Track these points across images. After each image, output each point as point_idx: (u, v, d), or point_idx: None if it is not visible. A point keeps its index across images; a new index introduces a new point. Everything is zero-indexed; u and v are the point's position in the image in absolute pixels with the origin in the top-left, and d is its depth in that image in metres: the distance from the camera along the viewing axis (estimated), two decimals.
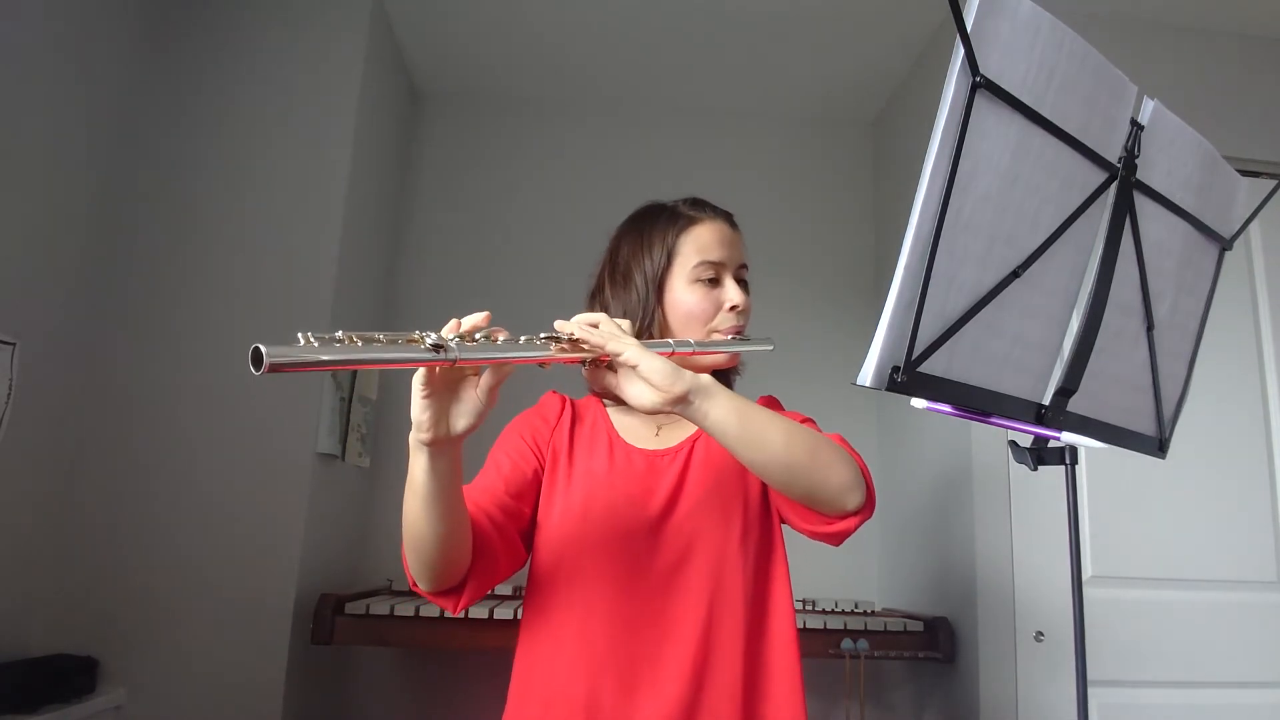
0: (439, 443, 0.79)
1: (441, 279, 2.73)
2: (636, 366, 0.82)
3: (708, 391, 0.84)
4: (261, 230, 2.10)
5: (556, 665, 0.97)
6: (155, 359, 1.99)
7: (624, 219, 1.14)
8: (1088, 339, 0.92)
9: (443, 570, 0.89)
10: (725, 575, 0.98)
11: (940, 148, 0.74)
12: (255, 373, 0.61)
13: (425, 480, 0.82)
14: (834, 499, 0.88)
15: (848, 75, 2.70)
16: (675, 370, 0.82)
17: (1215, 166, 1.03)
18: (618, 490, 1.01)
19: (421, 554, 0.88)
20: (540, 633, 1.00)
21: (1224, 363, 2.12)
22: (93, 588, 1.87)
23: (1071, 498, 0.96)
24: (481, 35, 2.55)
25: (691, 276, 1.04)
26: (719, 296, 1.04)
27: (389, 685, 2.43)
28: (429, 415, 0.77)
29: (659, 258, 1.05)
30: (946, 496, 2.19)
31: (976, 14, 0.74)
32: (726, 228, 1.09)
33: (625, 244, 1.10)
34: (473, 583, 0.92)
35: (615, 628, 0.96)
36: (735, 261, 1.07)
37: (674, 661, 0.95)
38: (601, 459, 1.04)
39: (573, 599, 0.98)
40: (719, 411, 0.84)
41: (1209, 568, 2.04)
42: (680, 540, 0.99)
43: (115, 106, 2.00)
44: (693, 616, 0.96)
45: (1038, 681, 1.94)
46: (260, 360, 0.60)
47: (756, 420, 0.86)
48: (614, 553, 0.98)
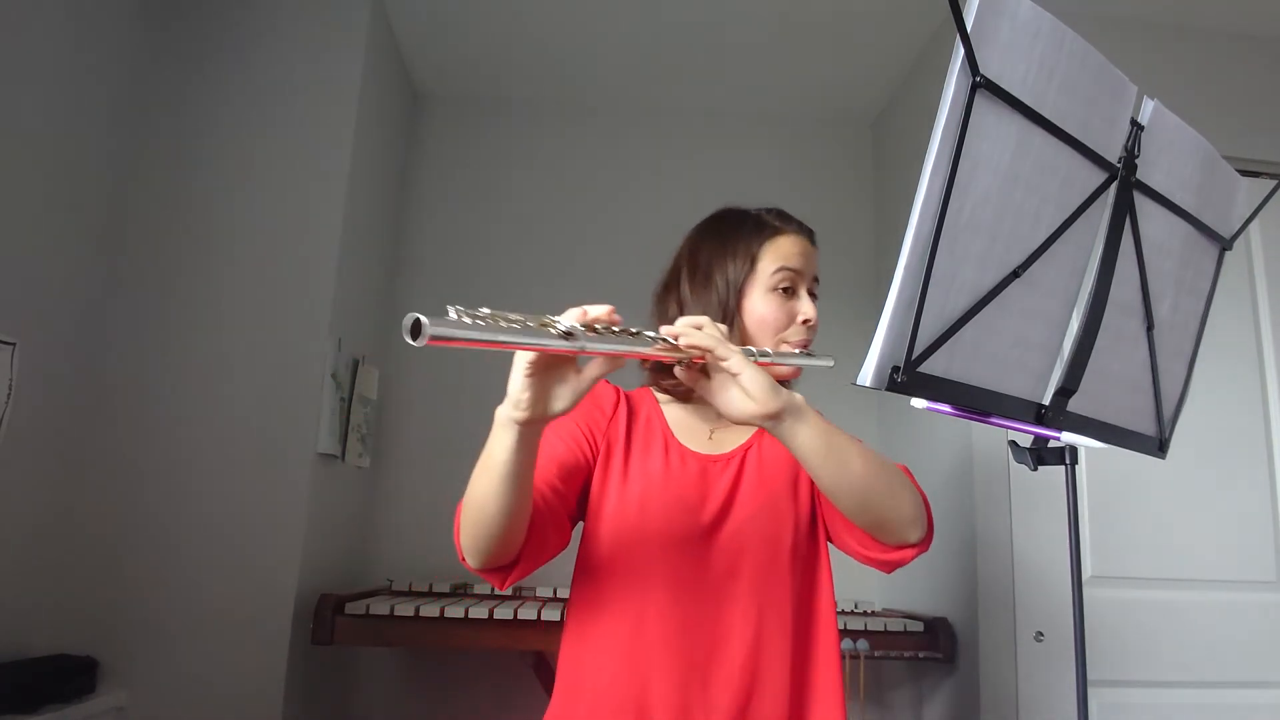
0: (533, 422, 0.79)
1: (441, 278, 2.73)
2: (739, 375, 0.82)
3: (800, 412, 0.85)
4: (262, 230, 2.10)
5: (609, 663, 0.97)
6: (155, 359, 1.99)
7: (702, 220, 1.15)
8: (1088, 339, 0.92)
9: (499, 548, 0.89)
10: (774, 588, 0.99)
11: (940, 148, 0.74)
12: (412, 343, 0.62)
13: (508, 459, 0.81)
14: (899, 530, 0.91)
15: (848, 75, 2.70)
16: (774, 386, 0.83)
17: (1215, 166, 1.03)
18: (672, 493, 1.02)
19: (482, 530, 0.87)
20: (593, 629, 1.00)
21: (1224, 363, 2.12)
22: (93, 588, 1.87)
23: (1071, 498, 0.96)
24: (481, 37, 2.55)
25: (770, 284, 1.05)
26: (793, 308, 1.06)
27: (389, 685, 2.43)
28: (530, 394, 0.77)
29: (742, 263, 1.06)
30: (947, 497, 2.19)
31: (976, 14, 0.74)
32: (807, 242, 1.10)
33: (706, 245, 1.10)
34: (524, 561, 0.92)
35: (669, 631, 0.96)
36: (811, 274, 1.09)
37: (724, 670, 0.96)
38: (657, 459, 1.04)
39: (628, 598, 0.99)
40: (808, 433, 0.85)
41: (1209, 568, 2.04)
42: (732, 550, 1.00)
43: (115, 107, 2.00)
44: (742, 626, 0.97)
45: (1038, 681, 1.94)
46: (419, 331, 0.61)
47: (841, 446, 0.87)
48: (669, 556, 0.99)
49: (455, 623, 1.91)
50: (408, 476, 2.55)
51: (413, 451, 2.57)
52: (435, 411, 2.58)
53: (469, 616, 1.91)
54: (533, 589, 2.23)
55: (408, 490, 2.54)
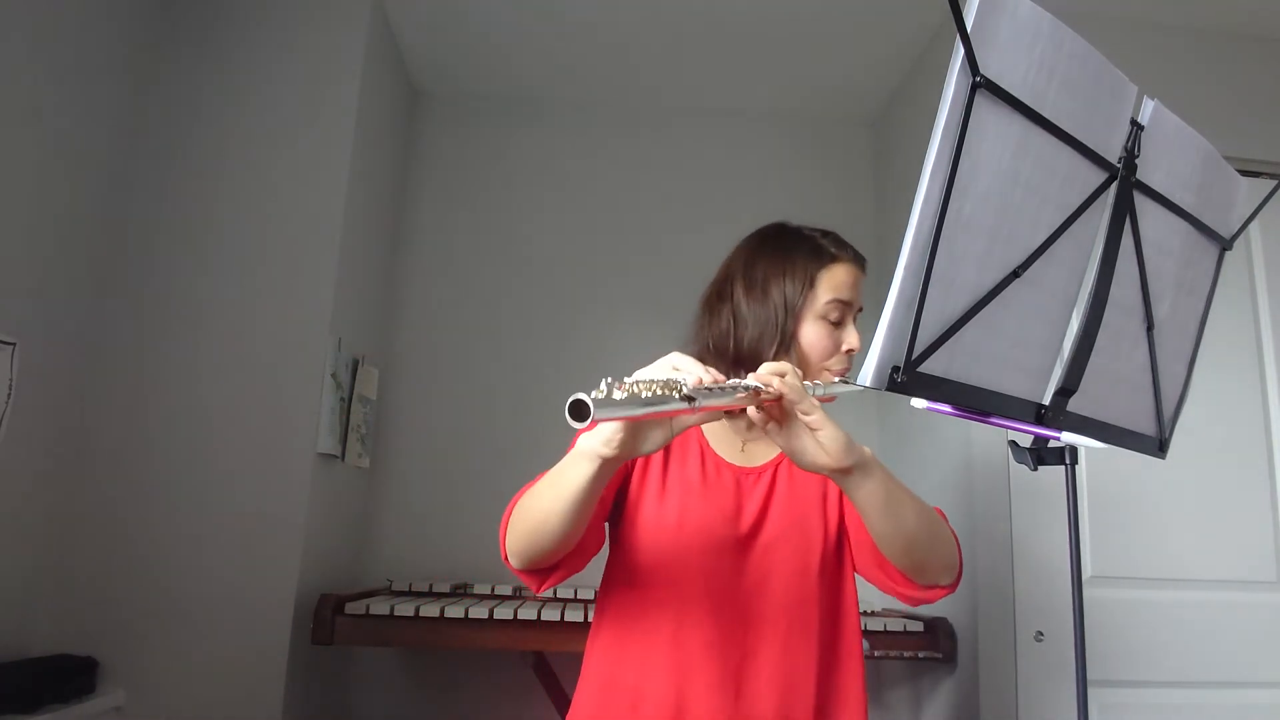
0: (620, 460, 0.81)
1: (441, 278, 2.73)
2: (818, 431, 0.84)
3: (869, 469, 0.87)
4: (262, 230, 2.10)
5: (650, 667, 0.99)
6: (155, 359, 1.99)
7: (755, 232, 1.16)
8: (1088, 339, 0.92)
9: (547, 558, 0.92)
10: (802, 602, 1.01)
11: (940, 148, 0.74)
12: (576, 425, 0.66)
13: (584, 487, 0.83)
14: (933, 575, 0.95)
15: (848, 75, 2.70)
16: (850, 444, 0.85)
17: (1215, 166, 1.03)
18: (711, 503, 1.03)
19: (536, 541, 0.89)
20: (630, 633, 1.02)
21: (1224, 363, 2.12)
22: (93, 588, 1.87)
23: (1071, 498, 0.96)
24: (481, 35, 2.55)
25: (820, 313, 1.07)
26: (840, 337, 1.08)
27: (389, 685, 2.43)
28: (624, 434, 0.79)
29: (800, 285, 1.07)
30: (946, 496, 2.19)
31: (976, 14, 0.74)
32: (859, 271, 1.12)
33: (763, 260, 1.10)
34: (564, 567, 0.95)
35: (707, 639, 0.98)
36: (858, 304, 1.11)
37: (756, 679, 0.98)
38: (694, 468, 1.06)
39: (668, 604, 1.00)
40: (872, 487, 0.88)
41: (1209, 568, 2.04)
42: (765, 563, 1.02)
43: (115, 108, 2.00)
44: (771, 637, 0.99)
45: (1038, 681, 1.94)
46: (585, 414, 0.65)
47: (899, 500, 0.90)
48: (706, 565, 1.00)
49: (455, 623, 1.91)
50: (408, 476, 2.55)
51: (413, 451, 2.57)
52: (435, 411, 2.58)
53: (469, 616, 1.91)
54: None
55: (408, 490, 2.54)
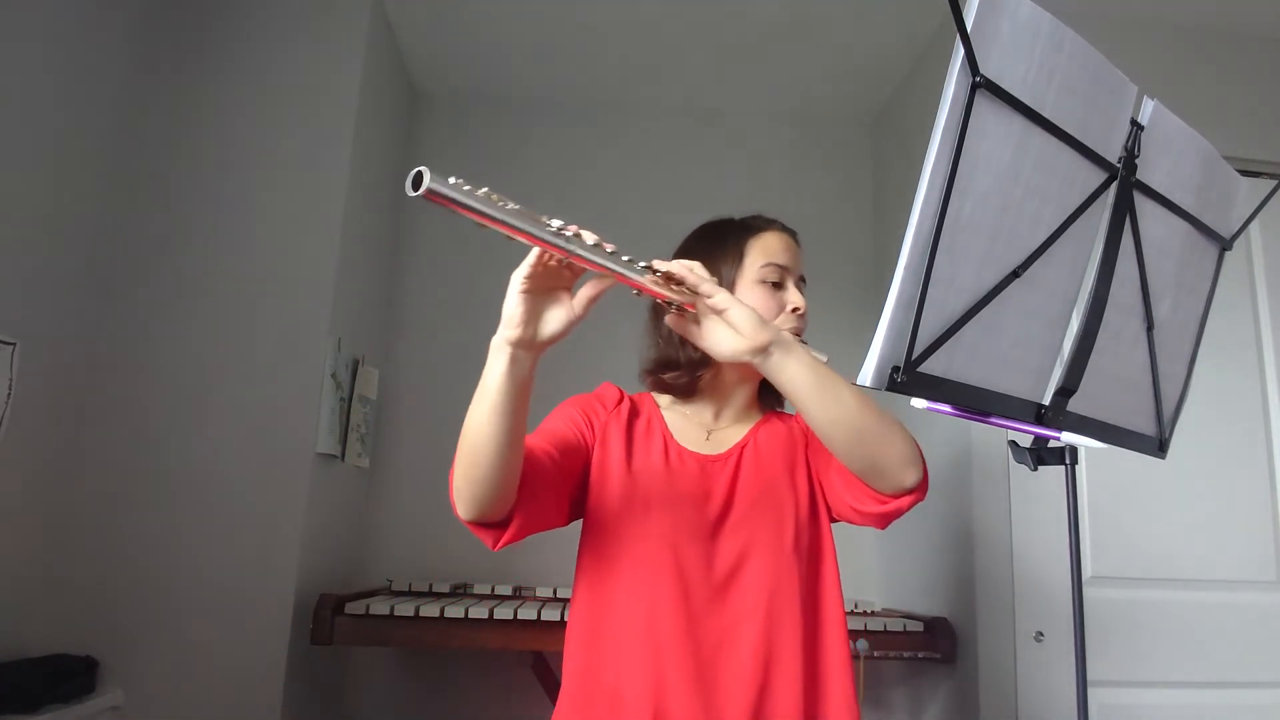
0: (524, 344, 0.81)
1: (441, 278, 2.73)
2: (725, 311, 0.84)
3: (788, 346, 0.86)
4: (262, 230, 2.09)
5: (623, 665, 0.98)
6: (155, 359, 1.99)
7: (689, 234, 1.17)
8: (1088, 339, 0.92)
9: (493, 495, 0.87)
10: (782, 578, 1.00)
11: (940, 148, 0.74)
12: (411, 194, 0.64)
13: (499, 384, 0.82)
14: (896, 471, 0.91)
15: (848, 75, 2.70)
16: (761, 320, 0.85)
17: (1215, 166, 1.03)
18: (677, 490, 1.03)
19: (475, 467, 0.85)
20: (604, 629, 1.01)
21: (1224, 363, 2.12)
22: (92, 588, 1.86)
23: (1071, 498, 0.96)
24: (481, 35, 2.55)
25: (757, 277, 1.07)
26: (782, 298, 1.08)
27: (389, 685, 2.43)
28: (522, 311, 0.79)
29: (731, 262, 1.09)
30: (946, 496, 2.19)
31: (976, 14, 0.74)
32: (790, 239, 1.13)
33: (700, 249, 1.12)
34: (518, 520, 0.90)
35: (680, 631, 0.97)
36: (797, 271, 1.11)
37: (738, 664, 0.97)
38: (658, 457, 1.06)
39: (638, 597, 0.99)
40: (796, 366, 0.86)
41: (1209, 568, 2.04)
42: (737, 544, 1.01)
43: (115, 107, 2.00)
44: (753, 619, 0.98)
45: (1038, 681, 1.94)
46: (420, 182, 0.63)
47: (831, 381, 0.88)
48: (676, 553, 1.00)
49: (455, 623, 1.91)
50: (408, 476, 2.55)
51: (413, 451, 2.57)
52: (435, 411, 2.58)
53: (469, 616, 1.91)
54: (532, 589, 2.23)
55: (408, 490, 2.54)
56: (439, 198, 0.65)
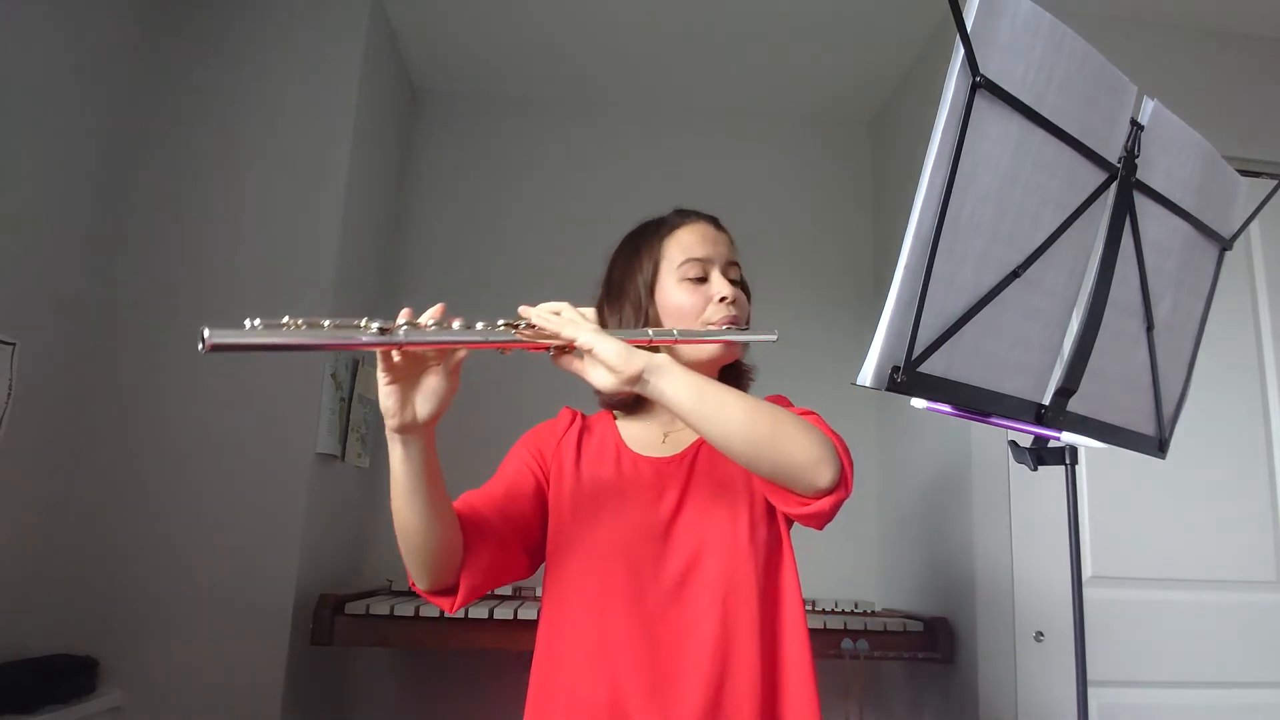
0: (407, 428, 0.84)
1: (441, 277, 2.73)
2: (591, 350, 0.85)
3: (662, 369, 0.86)
4: (262, 230, 2.09)
5: (578, 670, 0.98)
6: (155, 359, 1.99)
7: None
8: (1088, 339, 0.92)
9: (435, 566, 0.92)
10: (738, 574, 0.99)
11: (940, 148, 0.74)
12: (200, 351, 0.65)
13: (402, 469, 0.86)
14: (802, 474, 0.87)
15: (848, 75, 2.70)
16: (628, 351, 0.85)
17: (1215, 166, 1.03)
18: (628, 497, 1.03)
19: (411, 548, 0.90)
20: (559, 638, 1.02)
21: (1224, 363, 2.12)
22: (92, 588, 1.86)
23: (1071, 498, 0.96)
24: (481, 35, 2.55)
25: (679, 275, 1.06)
26: (707, 291, 1.06)
27: (389, 685, 2.43)
28: (393, 402, 0.82)
29: (648, 265, 1.08)
30: (946, 496, 2.19)
31: (976, 14, 0.74)
32: (710, 228, 1.11)
33: (619, 262, 1.13)
34: (465, 583, 0.94)
35: (634, 632, 0.97)
36: (722, 258, 1.09)
37: (694, 663, 0.96)
38: (609, 467, 1.06)
39: (589, 604, 0.99)
40: (675, 386, 0.86)
41: (1209, 568, 2.04)
42: (691, 542, 1.00)
43: (115, 107, 2.00)
44: (709, 618, 0.97)
45: (1038, 681, 1.94)
46: (204, 341, 0.64)
47: (714, 395, 0.87)
48: (629, 558, 0.99)
49: (455, 623, 1.91)
50: None
51: None
52: None
53: (469, 617, 1.91)
54: (532, 589, 2.23)
55: None
56: (226, 348, 0.65)
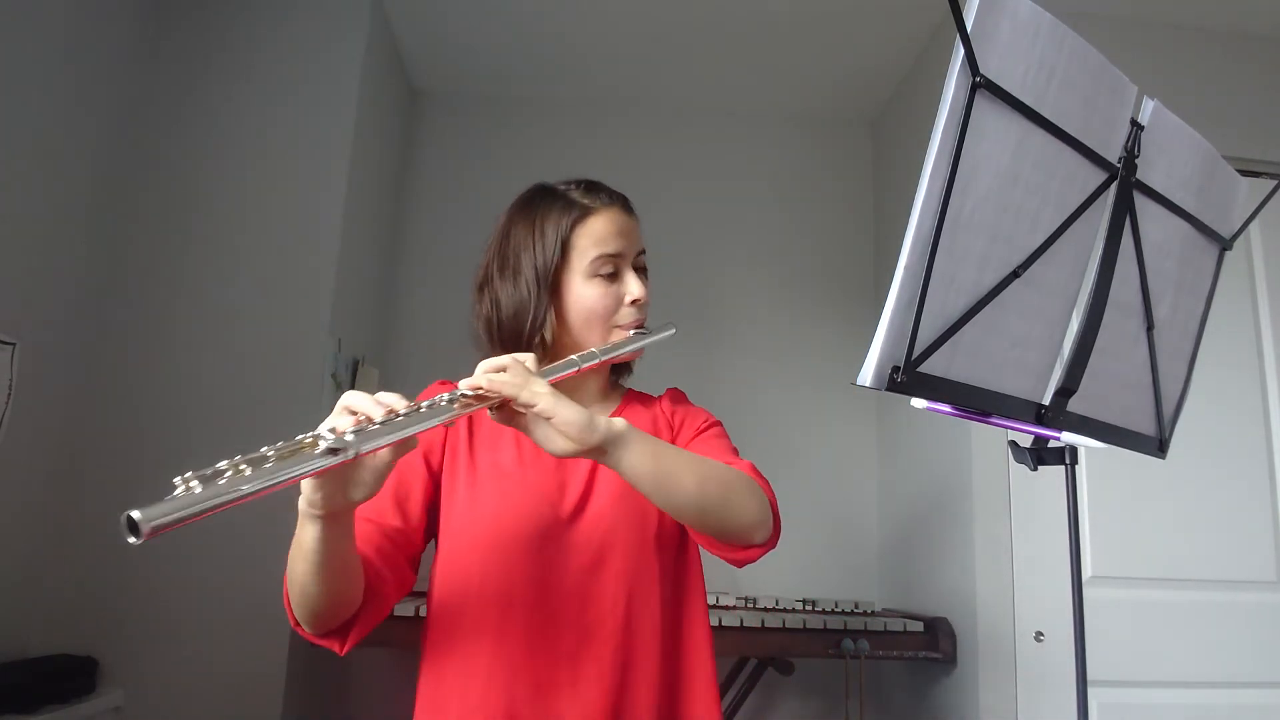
0: (334, 516, 0.75)
1: (441, 277, 2.72)
2: (552, 419, 0.76)
3: (623, 440, 0.80)
4: (261, 230, 2.10)
5: (472, 673, 0.92)
6: (155, 359, 1.99)
7: (512, 202, 1.06)
8: (1088, 339, 0.92)
9: (329, 618, 0.86)
10: (642, 572, 0.95)
11: (940, 148, 0.74)
12: (135, 542, 0.55)
13: (316, 548, 0.77)
14: (741, 535, 0.88)
15: (848, 75, 2.70)
16: (590, 422, 0.77)
17: (1215, 166, 1.03)
18: (530, 487, 0.97)
19: (307, 607, 0.83)
20: (452, 639, 0.95)
21: (1224, 363, 2.12)
22: (92, 588, 1.86)
23: (1071, 498, 0.96)
24: (481, 35, 2.55)
25: (590, 272, 0.99)
26: (619, 291, 1.00)
27: (389, 685, 2.43)
28: (321, 495, 0.73)
29: (552, 250, 0.98)
30: (946, 497, 2.19)
31: (976, 14, 0.74)
32: (623, 215, 1.04)
33: (515, 231, 1.02)
34: (358, 625, 0.88)
35: (533, 630, 0.92)
36: (633, 250, 1.03)
37: (594, 662, 0.92)
38: (509, 454, 0.99)
39: (486, 602, 0.94)
40: (633, 458, 0.81)
41: (1209, 568, 2.04)
42: (596, 538, 0.95)
43: (115, 107, 2.00)
44: (612, 615, 0.93)
45: (1038, 681, 1.94)
46: (137, 529, 0.54)
47: (670, 465, 0.83)
48: (529, 553, 0.94)
49: None
50: None
51: None
52: None
53: None
54: None
55: None
56: (167, 529, 0.56)
